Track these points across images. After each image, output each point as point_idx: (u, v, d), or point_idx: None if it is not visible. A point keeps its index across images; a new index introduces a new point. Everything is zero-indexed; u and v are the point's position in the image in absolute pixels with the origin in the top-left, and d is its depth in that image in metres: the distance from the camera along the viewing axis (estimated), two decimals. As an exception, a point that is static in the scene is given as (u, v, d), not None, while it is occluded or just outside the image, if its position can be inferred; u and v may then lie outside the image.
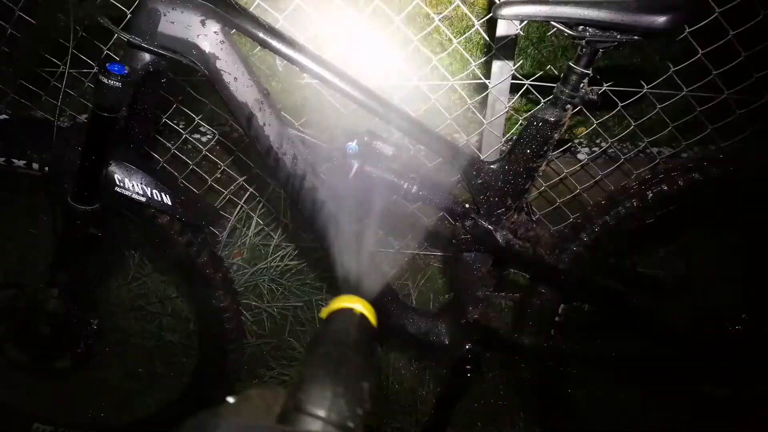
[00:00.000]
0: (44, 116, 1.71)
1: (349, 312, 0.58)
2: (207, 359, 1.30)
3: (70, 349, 1.21)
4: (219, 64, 0.95)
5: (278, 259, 1.79)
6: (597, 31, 0.91)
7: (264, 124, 1.00)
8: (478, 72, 1.48)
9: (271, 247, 1.81)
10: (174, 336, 1.62)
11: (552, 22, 0.92)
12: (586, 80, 0.97)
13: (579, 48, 0.94)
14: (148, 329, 1.63)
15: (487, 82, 1.50)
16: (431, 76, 1.58)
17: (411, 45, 1.45)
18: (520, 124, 1.47)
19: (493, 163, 1.05)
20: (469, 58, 1.53)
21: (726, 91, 1.47)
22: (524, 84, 1.52)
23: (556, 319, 1.17)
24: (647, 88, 1.50)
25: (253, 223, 1.85)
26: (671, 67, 1.45)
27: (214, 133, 1.80)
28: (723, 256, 1.39)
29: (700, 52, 1.41)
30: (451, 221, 1.11)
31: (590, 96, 0.98)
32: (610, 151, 1.79)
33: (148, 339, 1.61)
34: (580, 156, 1.81)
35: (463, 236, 1.09)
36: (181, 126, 1.78)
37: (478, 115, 1.59)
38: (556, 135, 1.00)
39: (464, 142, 1.79)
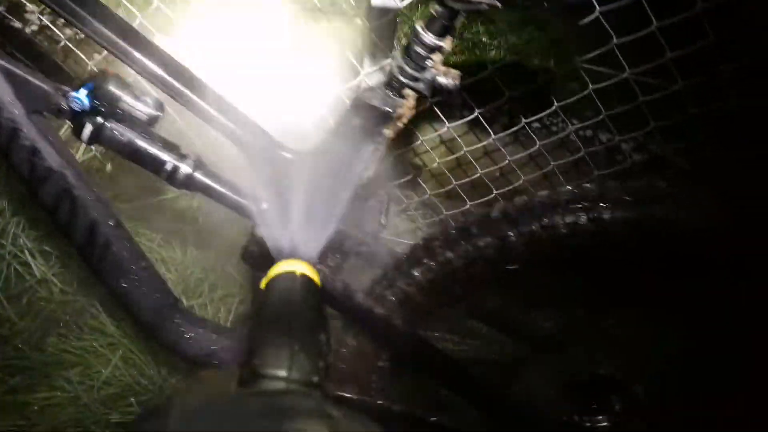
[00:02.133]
0: None
1: (290, 275, 0.54)
2: None
3: None
4: None
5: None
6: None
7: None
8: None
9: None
10: None
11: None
12: (438, 56, 0.62)
13: (431, 6, 0.59)
14: None
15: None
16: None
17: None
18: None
19: (295, 154, 0.71)
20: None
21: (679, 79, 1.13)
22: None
23: (380, 364, 0.87)
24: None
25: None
26: (615, 39, 1.09)
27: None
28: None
29: (654, 23, 1.06)
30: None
31: (445, 80, 0.63)
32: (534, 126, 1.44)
33: None
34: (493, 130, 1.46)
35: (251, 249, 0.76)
36: None
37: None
38: (386, 131, 0.66)
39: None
